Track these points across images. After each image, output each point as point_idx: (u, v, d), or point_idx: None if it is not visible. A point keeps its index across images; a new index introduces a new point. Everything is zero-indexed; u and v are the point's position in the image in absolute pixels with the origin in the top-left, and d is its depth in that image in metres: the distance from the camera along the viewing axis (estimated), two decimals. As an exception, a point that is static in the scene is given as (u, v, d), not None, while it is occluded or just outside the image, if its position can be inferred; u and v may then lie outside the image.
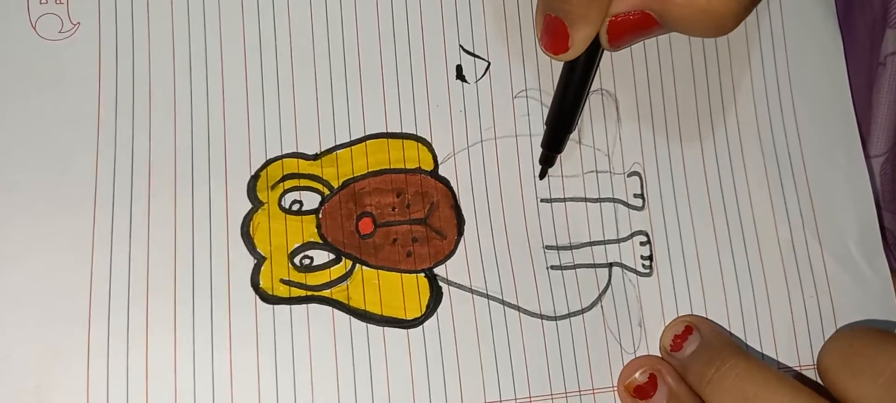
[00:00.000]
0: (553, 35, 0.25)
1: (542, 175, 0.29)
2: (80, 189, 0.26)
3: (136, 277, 0.26)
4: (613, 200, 0.30)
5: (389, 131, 0.29)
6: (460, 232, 0.28)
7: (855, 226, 0.30)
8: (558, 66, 0.30)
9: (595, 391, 0.28)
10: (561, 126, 0.28)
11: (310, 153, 0.28)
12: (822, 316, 0.29)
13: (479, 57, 0.29)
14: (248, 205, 0.27)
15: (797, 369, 0.29)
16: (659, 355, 0.28)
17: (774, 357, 0.29)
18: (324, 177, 0.28)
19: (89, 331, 0.25)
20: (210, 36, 0.28)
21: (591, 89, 0.29)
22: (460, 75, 0.29)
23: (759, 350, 0.29)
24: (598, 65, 0.27)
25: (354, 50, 0.29)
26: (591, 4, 0.24)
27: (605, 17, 0.25)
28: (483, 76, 0.29)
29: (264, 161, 0.28)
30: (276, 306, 0.27)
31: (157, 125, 0.27)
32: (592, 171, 0.30)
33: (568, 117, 0.28)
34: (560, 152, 0.29)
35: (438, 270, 0.28)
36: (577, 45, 0.25)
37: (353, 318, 0.27)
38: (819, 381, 0.27)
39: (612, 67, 0.30)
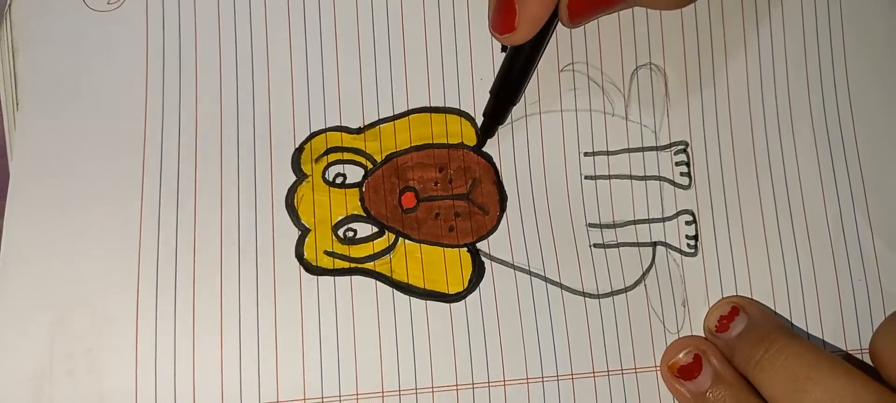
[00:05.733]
0: (502, 13, 0.24)
1: (482, 144, 0.28)
2: (127, 158, 0.27)
3: (182, 246, 0.26)
4: (659, 178, 0.29)
5: (433, 105, 0.29)
6: (503, 208, 0.28)
7: (909, 209, 0.29)
8: (607, 42, 0.29)
9: (637, 370, 0.28)
10: (504, 97, 0.27)
11: (353, 127, 0.28)
12: (871, 299, 0.29)
13: (525, 30, 0.29)
14: (293, 178, 0.27)
15: (844, 352, 0.28)
16: (703, 336, 0.28)
17: (821, 340, 0.28)
18: (367, 151, 0.28)
19: (138, 298, 0.26)
20: (255, 8, 0.28)
21: (641, 65, 0.29)
22: (505, 48, 0.29)
23: (806, 332, 0.28)
24: (547, 43, 0.27)
25: (398, 23, 0.29)
26: None
27: None
28: (528, 50, 0.29)
29: (308, 134, 0.28)
30: (320, 277, 0.27)
31: (203, 96, 0.27)
32: (638, 148, 0.29)
33: (513, 90, 0.27)
34: (502, 123, 0.28)
35: (481, 245, 0.28)
36: (524, 25, 0.24)
37: (395, 291, 0.27)
38: (869, 364, 0.27)
39: (662, 40, 0.29)
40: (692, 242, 0.29)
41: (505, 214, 0.28)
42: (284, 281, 0.26)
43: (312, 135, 0.28)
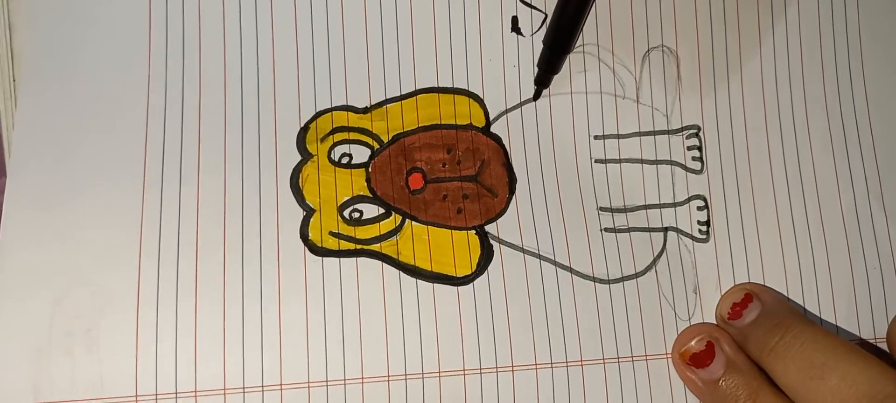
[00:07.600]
0: None
1: (537, 96, 0.28)
2: (129, 136, 0.26)
3: (185, 226, 0.26)
4: (671, 162, 0.28)
5: (440, 86, 0.28)
6: (512, 191, 0.28)
7: (925, 195, 0.29)
8: (618, 24, 0.29)
9: (648, 357, 0.27)
10: (559, 47, 0.27)
11: (360, 106, 0.28)
12: (885, 287, 0.28)
13: (536, 8, 0.28)
14: (298, 158, 0.27)
15: (858, 340, 0.28)
16: (714, 323, 0.27)
17: (835, 328, 0.28)
18: (374, 131, 0.28)
19: (139, 279, 0.25)
20: (261, -16, 0.28)
21: (653, 47, 0.28)
22: (516, 27, 0.28)
23: (819, 320, 0.28)
24: None
25: (407, 1, 0.28)
26: None
27: None
28: (540, 29, 0.28)
29: (314, 113, 0.27)
30: (325, 258, 0.26)
31: (207, 73, 0.27)
32: (650, 132, 0.29)
33: (566, 38, 0.26)
34: (557, 73, 0.28)
35: (490, 228, 0.27)
36: None
37: (402, 273, 0.26)
38: (885, 351, 0.26)
39: (675, 22, 0.29)
40: (704, 228, 0.28)
41: (514, 197, 0.28)
42: (289, 262, 0.26)
43: (318, 115, 0.27)
